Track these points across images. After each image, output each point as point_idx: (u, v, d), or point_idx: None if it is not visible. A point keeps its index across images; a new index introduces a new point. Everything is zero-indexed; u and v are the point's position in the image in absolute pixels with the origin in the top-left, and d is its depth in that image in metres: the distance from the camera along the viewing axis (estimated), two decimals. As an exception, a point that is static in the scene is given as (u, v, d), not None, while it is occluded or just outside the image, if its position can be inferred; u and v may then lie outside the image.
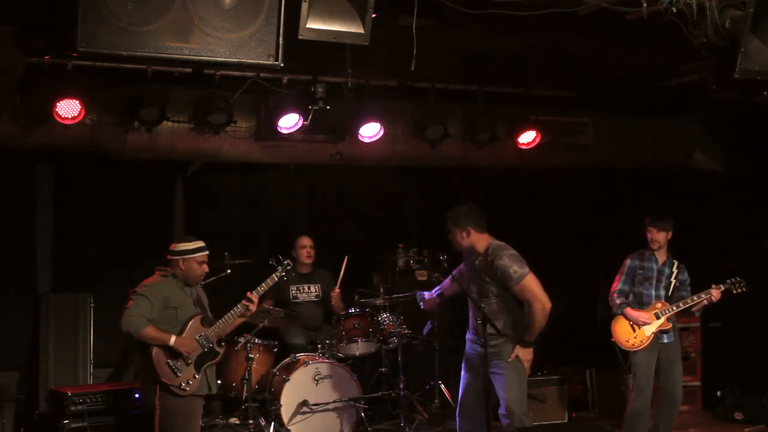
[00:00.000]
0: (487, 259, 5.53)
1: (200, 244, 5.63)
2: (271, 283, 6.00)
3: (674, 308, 6.59)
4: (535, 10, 4.91)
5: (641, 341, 6.58)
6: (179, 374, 5.38)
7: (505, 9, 4.81)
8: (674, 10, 4.82)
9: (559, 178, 8.88)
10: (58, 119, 6.62)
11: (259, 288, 5.86)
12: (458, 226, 5.65)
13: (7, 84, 6.14)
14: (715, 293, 6.56)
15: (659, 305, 6.61)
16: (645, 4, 4.83)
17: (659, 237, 6.64)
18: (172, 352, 5.38)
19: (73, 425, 6.39)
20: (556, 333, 8.30)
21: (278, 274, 6.06)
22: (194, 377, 5.44)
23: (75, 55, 6.16)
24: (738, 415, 7.82)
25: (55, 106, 6.58)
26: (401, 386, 7.46)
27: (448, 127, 7.74)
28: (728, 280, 6.60)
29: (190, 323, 5.51)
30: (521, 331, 5.50)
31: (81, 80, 6.66)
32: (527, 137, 8.05)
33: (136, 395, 6.52)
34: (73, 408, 6.38)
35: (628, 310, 6.64)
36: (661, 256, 6.70)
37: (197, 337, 5.50)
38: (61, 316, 7.61)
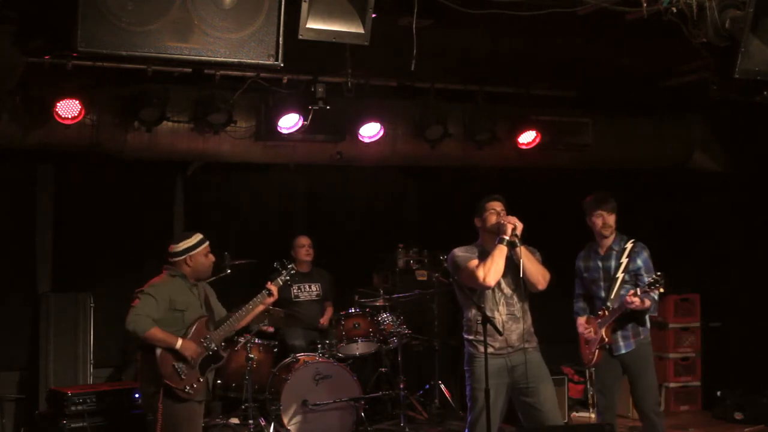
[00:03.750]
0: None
1: (200, 236, 5.55)
2: (280, 283, 5.97)
3: (609, 317, 5.76)
4: (535, 10, 4.91)
5: (589, 359, 5.92)
6: (183, 377, 5.29)
7: (505, 9, 4.81)
8: (674, 10, 4.82)
9: (559, 178, 8.88)
10: (58, 119, 6.62)
11: (278, 279, 5.89)
12: None
13: (7, 84, 6.14)
14: (633, 300, 5.60)
15: (601, 313, 5.84)
16: (645, 4, 4.82)
17: (611, 219, 5.88)
18: (178, 355, 5.29)
19: (73, 425, 6.39)
20: (558, 333, 8.36)
21: (283, 278, 6.02)
22: (198, 380, 5.36)
23: (75, 55, 6.16)
24: (738, 415, 7.82)
25: (55, 106, 6.58)
26: (401, 386, 7.47)
27: (448, 127, 7.74)
28: (646, 280, 5.70)
29: (195, 326, 5.41)
30: None
31: (81, 80, 6.67)
32: (527, 137, 8.05)
33: (136, 395, 6.53)
34: (73, 408, 6.39)
35: (578, 320, 5.98)
36: (603, 248, 5.93)
37: (201, 340, 5.42)
38: (61, 316, 7.60)
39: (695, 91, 7.22)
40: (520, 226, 5.14)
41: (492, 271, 5.08)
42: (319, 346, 7.36)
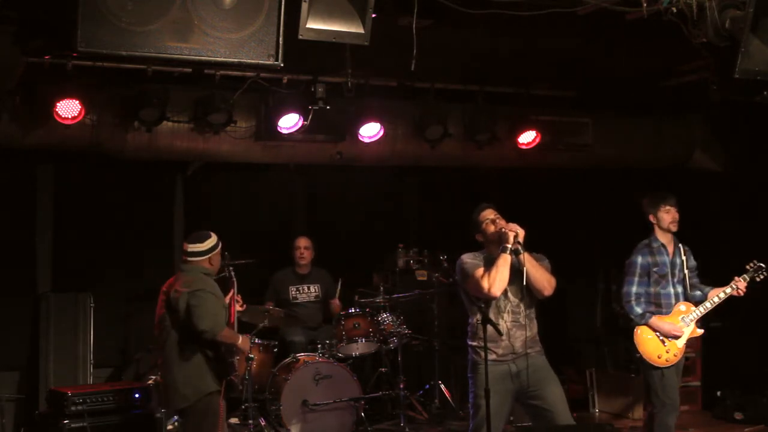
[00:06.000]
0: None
1: (215, 236, 5.51)
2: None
3: (702, 310, 5.81)
4: (535, 10, 4.91)
5: (675, 355, 5.80)
6: (236, 372, 5.41)
7: (505, 9, 4.81)
8: (674, 10, 4.82)
9: (559, 178, 8.88)
10: (58, 119, 6.62)
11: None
12: None
13: (7, 84, 6.14)
14: (742, 285, 5.81)
15: (682, 308, 5.85)
16: (645, 4, 4.83)
17: (677, 215, 5.92)
18: (232, 352, 5.31)
19: (73, 425, 6.37)
20: (557, 333, 8.36)
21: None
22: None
23: (75, 55, 6.16)
24: (738, 415, 7.81)
25: (55, 106, 6.58)
26: (401, 386, 7.47)
27: (448, 127, 7.74)
28: (748, 267, 5.89)
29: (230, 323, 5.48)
30: None
31: (81, 80, 6.67)
32: (527, 137, 8.05)
33: (136, 395, 6.52)
34: (73, 408, 6.37)
35: (654, 321, 5.81)
36: (670, 244, 5.94)
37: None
38: (61, 316, 7.59)
39: (695, 91, 7.22)
40: (521, 232, 5.08)
41: (497, 280, 5.01)
42: (319, 346, 7.36)
